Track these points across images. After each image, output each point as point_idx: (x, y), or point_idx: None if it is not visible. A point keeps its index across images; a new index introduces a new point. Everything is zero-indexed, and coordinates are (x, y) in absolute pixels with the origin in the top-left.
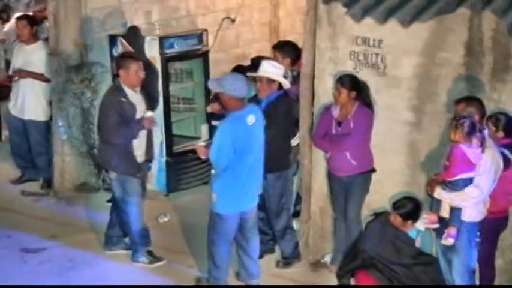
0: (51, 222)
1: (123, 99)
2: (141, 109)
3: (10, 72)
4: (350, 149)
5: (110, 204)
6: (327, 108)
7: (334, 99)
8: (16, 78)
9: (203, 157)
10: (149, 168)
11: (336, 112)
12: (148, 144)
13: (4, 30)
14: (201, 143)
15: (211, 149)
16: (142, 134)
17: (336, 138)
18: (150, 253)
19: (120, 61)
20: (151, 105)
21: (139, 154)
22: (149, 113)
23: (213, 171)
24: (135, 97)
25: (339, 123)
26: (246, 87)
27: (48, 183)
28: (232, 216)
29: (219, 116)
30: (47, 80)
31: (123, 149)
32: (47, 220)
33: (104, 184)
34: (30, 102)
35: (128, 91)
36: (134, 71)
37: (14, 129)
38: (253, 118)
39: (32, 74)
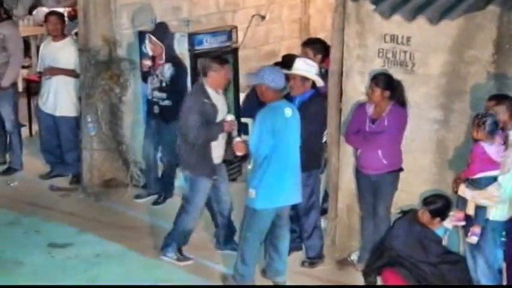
0: (79, 218)
1: (206, 100)
2: (222, 111)
3: (38, 69)
4: (382, 147)
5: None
6: (362, 105)
7: (368, 97)
8: (48, 76)
9: (240, 153)
10: (177, 165)
11: (370, 109)
12: (226, 146)
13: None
14: (238, 139)
15: (250, 140)
16: (221, 136)
17: (370, 135)
18: (179, 250)
19: (211, 63)
20: (178, 101)
21: (217, 156)
22: (230, 116)
23: (249, 167)
24: (218, 99)
25: (373, 121)
26: (284, 79)
27: (76, 179)
28: (269, 212)
29: (250, 113)
30: (77, 76)
31: (202, 150)
32: (75, 215)
33: (132, 180)
34: (62, 98)
35: (212, 92)
36: (223, 74)
37: (44, 126)
38: (290, 111)
39: (63, 71)
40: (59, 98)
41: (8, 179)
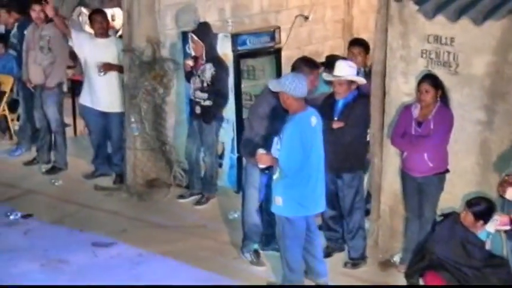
0: (122, 217)
1: (275, 98)
2: None
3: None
4: (428, 150)
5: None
6: (407, 107)
7: (419, 99)
8: (102, 72)
9: (263, 165)
10: (220, 165)
11: (416, 112)
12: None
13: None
14: (261, 151)
15: (280, 155)
16: None
17: (415, 138)
18: (256, 253)
19: (302, 65)
20: (220, 101)
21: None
22: (261, 150)
23: (274, 177)
24: None
25: (419, 124)
26: (306, 86)
27: (120, 178)
28: (300, 218)
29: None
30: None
31: (261, 141)
32: (118, 215)
33: (175, 180)
34: (111, 94)
35: None
36: (311, 79)
37: (93, 124)
38: (315, 119)
39: (116, 67)
40: (108, 94)
41: (53, 178)
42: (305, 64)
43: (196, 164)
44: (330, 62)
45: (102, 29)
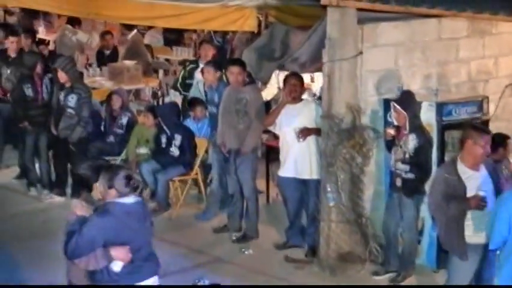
0: None
1: (448, 176)
2: (475, 186)
3: (276, 131)
4: None
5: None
6: None
7: None
8: (302, 139)
9: None
10: (419, 242)
11: None
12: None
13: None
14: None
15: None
16: (481, 213)
17: None
18: None
19: (469, 130)
20: (423, 175)
21: (469, 235)
22: (481, 193)
23: (497, 252)
24: (469, 174)
25: None
26: None
27: (312, 251)
28: None
29: None
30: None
31: (452, 224)
32: None
33: (370, 255)
34: (310, 160)
35: (461, 167)
36: (481, 147)
37: (289, 192)
38: None
39: (313, 130)
40: (307, 160)
41: (243, 246)
42: (473, 129)
43: (394, 239)
44: None
45: (295, 92)
